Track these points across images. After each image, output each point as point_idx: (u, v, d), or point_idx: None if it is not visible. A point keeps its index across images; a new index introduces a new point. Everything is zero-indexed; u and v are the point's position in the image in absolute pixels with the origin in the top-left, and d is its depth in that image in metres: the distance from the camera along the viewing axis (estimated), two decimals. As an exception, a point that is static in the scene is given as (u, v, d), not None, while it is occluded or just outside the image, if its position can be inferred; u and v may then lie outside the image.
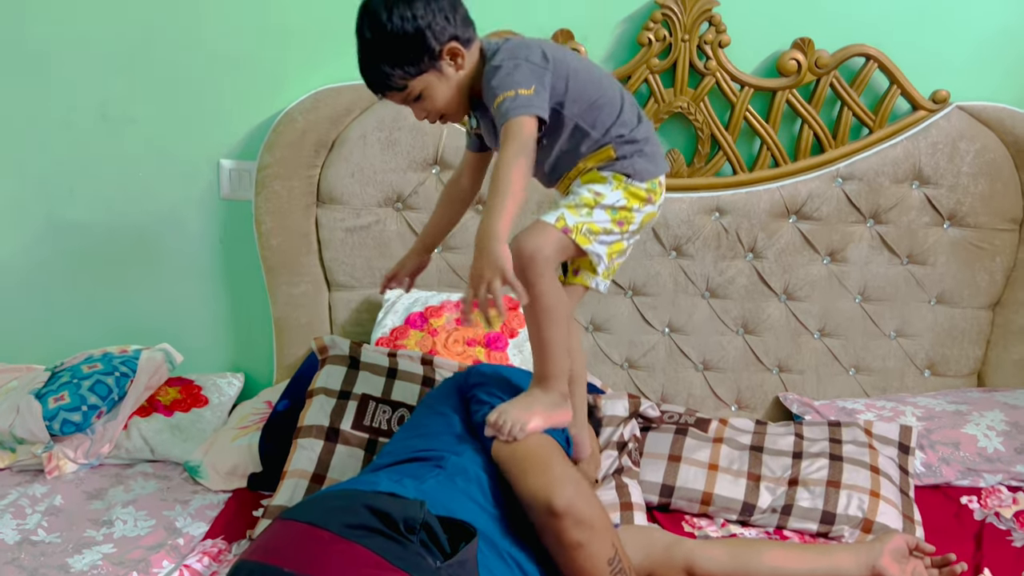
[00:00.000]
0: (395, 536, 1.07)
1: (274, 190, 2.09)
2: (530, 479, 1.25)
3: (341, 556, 1.03)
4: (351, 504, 1.12)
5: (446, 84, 1.37)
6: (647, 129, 1.45)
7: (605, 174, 1.42)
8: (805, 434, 1.94)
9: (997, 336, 2.26)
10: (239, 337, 2.29)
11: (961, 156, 2.13)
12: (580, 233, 1.37)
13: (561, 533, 1.22)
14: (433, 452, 1.31)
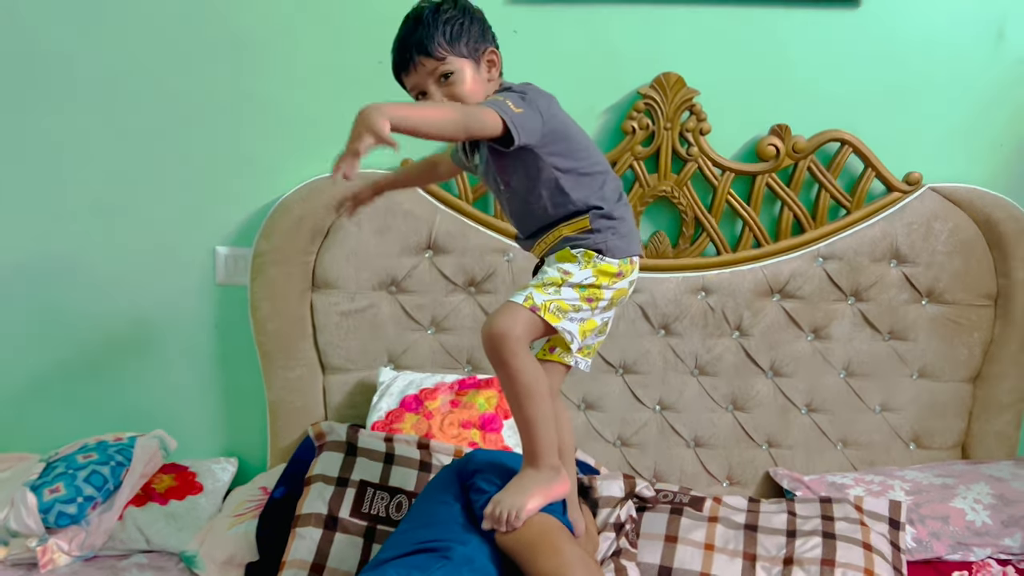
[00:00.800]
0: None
1: (270, 276, 2.13)
2: (540, 564, 1.27)
3: None
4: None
5: (474, 80, 1.44)
6: (625, 211, 1.50)
7: (576, 252, 1.46)
8: (798, 511, 1.96)
9: (979, 409, 2.31)
10: (233, 421, 2.30)
11: (936, 235, 2.21)
12: (548, 311, 1.40)
13: None
14: (439, 543, 1.32)
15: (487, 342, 1.37)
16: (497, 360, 1.37)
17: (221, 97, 2.13)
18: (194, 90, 2.12)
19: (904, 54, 2.19)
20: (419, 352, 2.21)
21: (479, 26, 1.46)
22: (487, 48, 1.46)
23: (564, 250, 1.47)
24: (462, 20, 1.44)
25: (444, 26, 1.42)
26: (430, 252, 2.17)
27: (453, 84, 1.43)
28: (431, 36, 1.42)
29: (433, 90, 1.44)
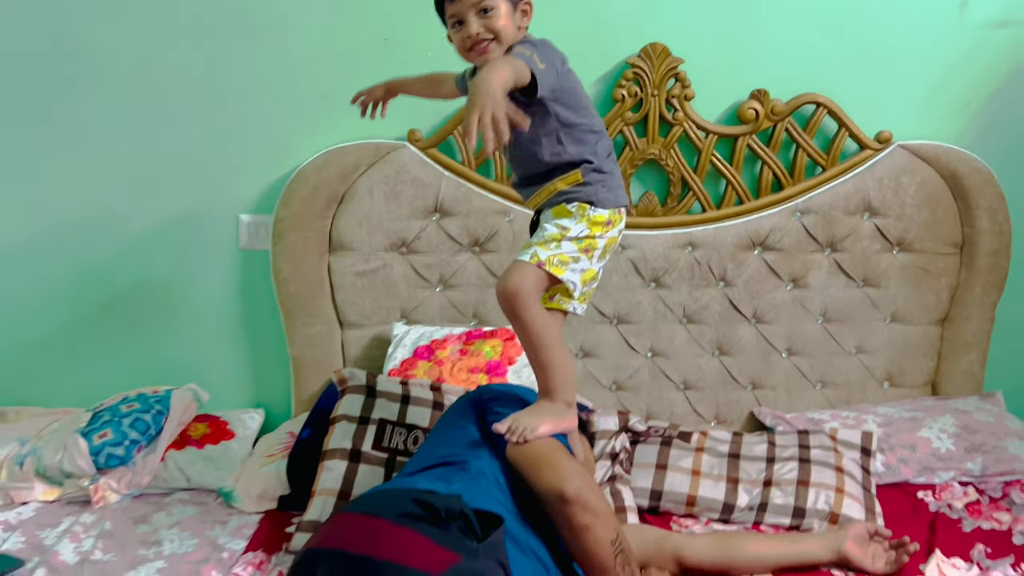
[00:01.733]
0: (438, 523, 1.27)
1: (290, 240, 2.31)
2: (544, 475, 1.46)
3: (396, 538, 1.23)
4: (400, 498, 1.33)
5: (509, 19, 1.53)
6: (613, 167, 1.64)
7: (571, 208, 1.59)
8: (777, 442, 2.16)
9: (946, 349, 2.50)
10: (259, 375, 2.49)
11: (904, 189, 2.39)
12: (553, 264, 1.56)
13: (572, 518, 1.42)
14: (456, 457, 1.51)
15: (502, 299, 1.54)
16: (512, 314, 1.54)
17: (240, 78, 2.30)
18: (215, 72, 2.29)
19: (875, 21, 2.36)
20: (429, 308, 2.40)
21: None
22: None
23: (560, 206, 1.61)
24: None
25: None
26: (437, 215, 2.35)
27: (491, 18, 1.52)
28: None
29: (471, 19, 1.52)
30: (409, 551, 1.21)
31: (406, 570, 1.18)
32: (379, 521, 1.27)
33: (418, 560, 1.20)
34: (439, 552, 1.22)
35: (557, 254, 1.57)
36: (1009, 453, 2.19)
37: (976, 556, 1.81)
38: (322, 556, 1.23)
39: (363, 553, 1.21)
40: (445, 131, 2.32)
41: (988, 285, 2.45)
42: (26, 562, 1.77)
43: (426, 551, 1.21)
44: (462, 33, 1.55)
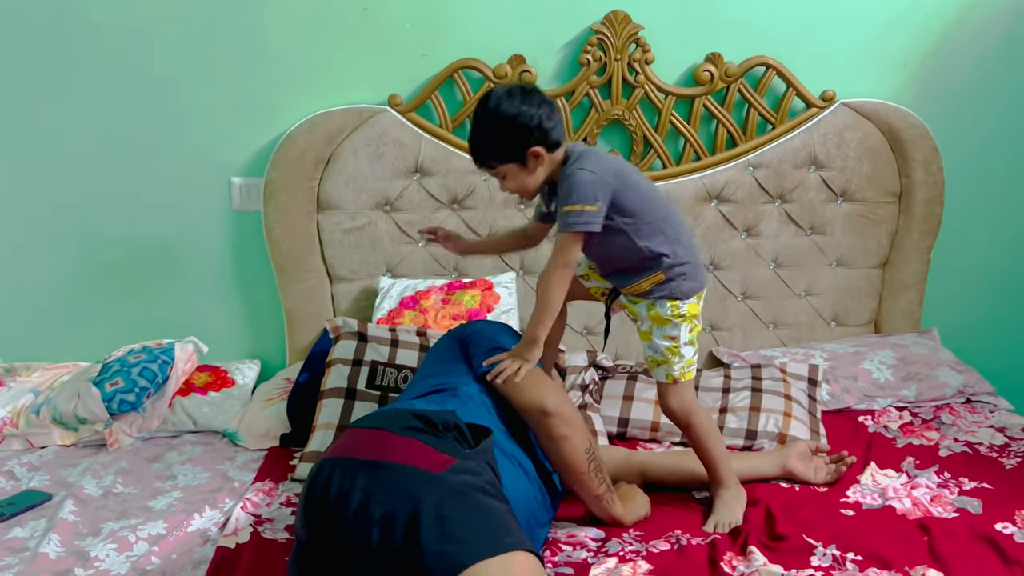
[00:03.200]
0: (436, 433, 1.47)
1: (280, 201, 2.48)
2: (526, 392, 1.66)
3: (401, 446, 1.42)
4: (401, 415, 1.52)
5: (525, 175, 1.71)
6: (689, 251, 1.76)
7: (665, 313, 1.75)
8: (732, 375, 2.38)
9: (887, 291, 2.73)
10: (254, 329, 2.66)
11: (847, 144, 2.60)
12: (685, 373, 1.80)
13: (551, 429, 1.63)
14: (446, 384, 1.71)
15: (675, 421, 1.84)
16: (686, 425, 1.84)
17: (230, 46, 2.45)
18: (206, 41, 2.44)
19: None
20: (412, 262, 2.58)
21: (520, 132, 1.65)
22: (527, 151, 1.67)
23: (654, 311, 1.77)
24: (503, 134, 1.67)
25: (489, 141, 1.69)
26: (418, 175, 2.53)
27: (507, 181, 1.73)
28: (480, 153, 1.73)
29: (499, 181, 1.76)
30: (411, 456, 1.41)
31: (411, 469, 1.38)
32: (385, 433, 1.46)
33: (421, 461, 1.39)
34: (439, 456, 1.41)
35: (683, 362, 1.80)
36: (940, 381, 2.44)
37: (906, 467, 2.05)
38: (336, 463, 1.41)
39: (373, 458, 1.41)
40: (423, 95, 2.49)
41: (924, 231, 2.68)
42: (53, 496, 1.95)
43: (428, 455, 1.41)
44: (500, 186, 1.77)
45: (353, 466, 1.39)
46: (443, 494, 1.33)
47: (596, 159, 1.70)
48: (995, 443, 2.18)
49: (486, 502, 1.37)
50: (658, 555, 1.65)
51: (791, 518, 1.78)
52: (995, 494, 1.90)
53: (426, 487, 1.34)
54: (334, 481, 1.38)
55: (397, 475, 1.37)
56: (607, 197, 1.67)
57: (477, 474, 1.41)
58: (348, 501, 1.34)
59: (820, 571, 1.58)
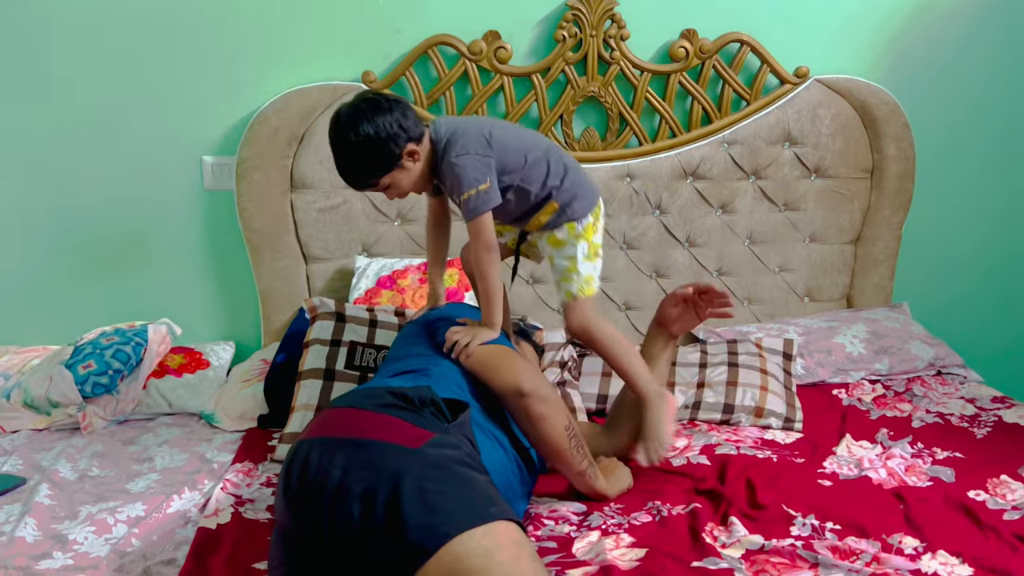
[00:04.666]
0: (413, 409, 1.46)
1: (253, 180, 2.44)
2: (501, 373, 1.66)
3: (379, 423, 1.41)
4: (377, 392, 1.51)
5: (408, 175, 1.73)
6: (574, 176, 1.82)
7: (561, 235, 1.81)
8: (709, 350, 2.40)
9: (859, 266, 2.77)
10: (229, 310, 2.63)
11: (820, 120, 2.62)
12: (585, 289, 1.83)
13: (528, 409, 1.63)
14: (418, 366, 1.70)
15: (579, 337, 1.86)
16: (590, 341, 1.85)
17: (200, 22, 2.40)
18: (174, 16, 2.39)
19: (793, -38, 2.57)
20: (388, 241, 2.56)
21: (385, 144, 1.66)
22: (402, 152, 1.68)
23: (551, 235, 1.82)
24: (374, 150, 1.66)
25: (363, 162, 1.69)
26: (392, 153, 2.50)
27: (392, 189, 1.74)
28: (358, 177, 1.73)
29: (385, 194, 1.76)
30: (390, 431, 1.40)
31: (389, 445, 1.37)
32: (361, 411, 1.45)
33: (399, 437, 1.38)
34: (416, 431, 1.40)
35: (582, 279, 1.83)
36: (912, 354, 2.48)
37: (880, 438, 2.08)
38: (313, 444, 1.40)
39: (351, 436, 1.40)
40: (397, 72, 2.46)
41: (895, 206, 2.71)
42: (27, 480, 1.91)
43: (405, 431, 1.40)
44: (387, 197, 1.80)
45: (331, 445, 1.38)
46: (423, 467, 1.33)
47: (465, 138, 1.72)
48: (966, 413, 2.22)
49: (467, 474, 1.36)
50: (640, 527, 1.67)
51: (769, 487, 1.81)
52: (967, 463, 1.93)
53: (406, 461, 1.33)
54: (312, 461, 1.37)
55: (376, 451, 1.36)
56: (491, 169, 1.71)
57: (456, 447, 1.41)
58: (327, 480, 1.33)
59: (800, 540, 1.60)
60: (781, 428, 2.17)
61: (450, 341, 1.73)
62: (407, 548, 1.26)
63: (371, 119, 1.66)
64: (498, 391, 1.67)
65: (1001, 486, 1.82)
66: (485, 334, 1.74)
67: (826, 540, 1.60)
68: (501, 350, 1.73)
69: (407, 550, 1.26)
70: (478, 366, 1.70)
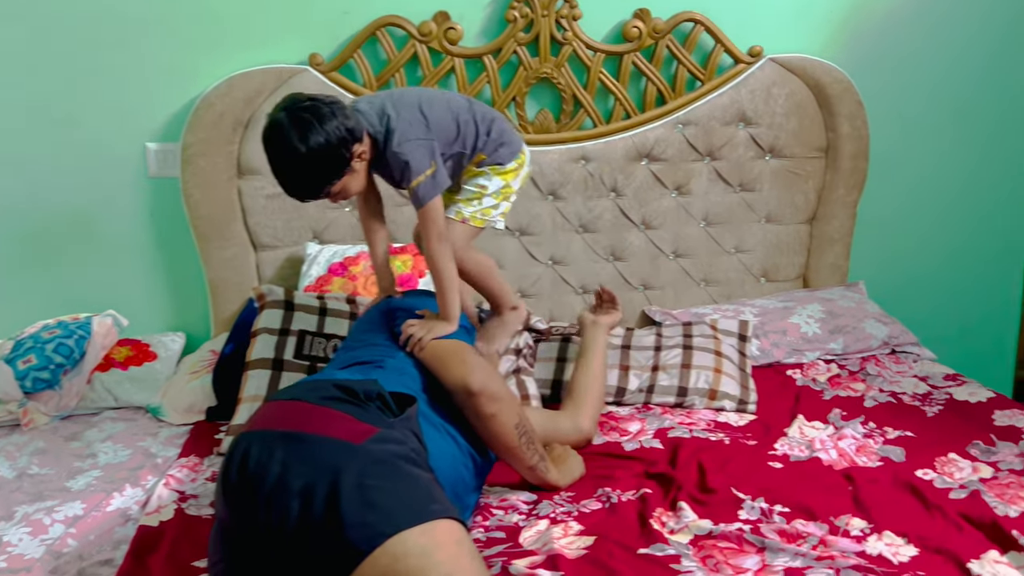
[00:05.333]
0: (357, 403, 1.43)
1: (199, 166, 2.38)
2: (451, 370, 1.63)
3: (320, 416, 1.38)
4: (321, 385, 1.47)
5: (357, 176, 1.69)
6: (497, 126, 1.83)
7: (483, 169, 1.83)
8: (664, 333, 2.38)
9: (815, 245, 2.77)
10: (177, 300, 2.57)
11: (775, 99, 2.61)
12: (476, 219, 1.83)
13: (478, 408, 1.60)
14: (372, 358, 1.67)
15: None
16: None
17: (142, 5, 2.32)
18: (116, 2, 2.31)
19: (745, -60, 2.54)
20: (339, 227, 2.52)
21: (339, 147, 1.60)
22: (351, 156, 1.64)
23: (469, 169, 1.84)
24: (325, 159, 1.61)
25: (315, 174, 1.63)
26: (342, 137, 2.45)
27: (341, 192, 1.69)
28: (309, 189, 1.66)
29: (331, 200, 1.71)
30: (332, 425, 1.37)
31: (330, 440, 1.34)
32: (303, 404, 1.42)
33: (340, 432, 1.35)
34: (360, 425, 1.37)
35: (479, 209, 1.83)
36: (866, 333, 2.48)
37: (832, 418, 2.09)
38: (253, 438, 1.37)
39: (291, 429, 1.36)
40: (345, 54, 2.41)
41: (850, 185, 2.71)
42: (-36, 480, 1.86)
43: (348, 425, 1.37)
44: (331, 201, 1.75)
45: (270, 439, 1.35)
46: (364, 463, 1.30)
47: (403, 123, 1.69)
48: (918, 392, 2.23)
49: (409, 470, 1.34)
50: (589, 515, 1.65)
51: (720, 470, 1.80)
52: (917, 442, 1.94)
53: (347, 457, 1.31)
54: (251, 455, 1.34)
55: (316, 446, 1.33)
56: (433, 149, 1.70)
57: (400, 443, 1.38)
58: (266, 475, 1.30)
59: (748, 524, 1.60)
60: (735, 410, 2.16)
61: (405, 334, 1.70)
62: (344, 547, 1.23)
63: (319, 127, 1.59)
64: (448, 387, 1.64)
65: (949, 464, 1.83)
66: (441, 328, 1.71)
67: (774, 523, 1.60)
68: (453, 346, 1.70)
69: (344, 549, 1.23)
70: (430, 360, 1.67)
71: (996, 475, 1.77)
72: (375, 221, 1.89)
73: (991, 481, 1.75)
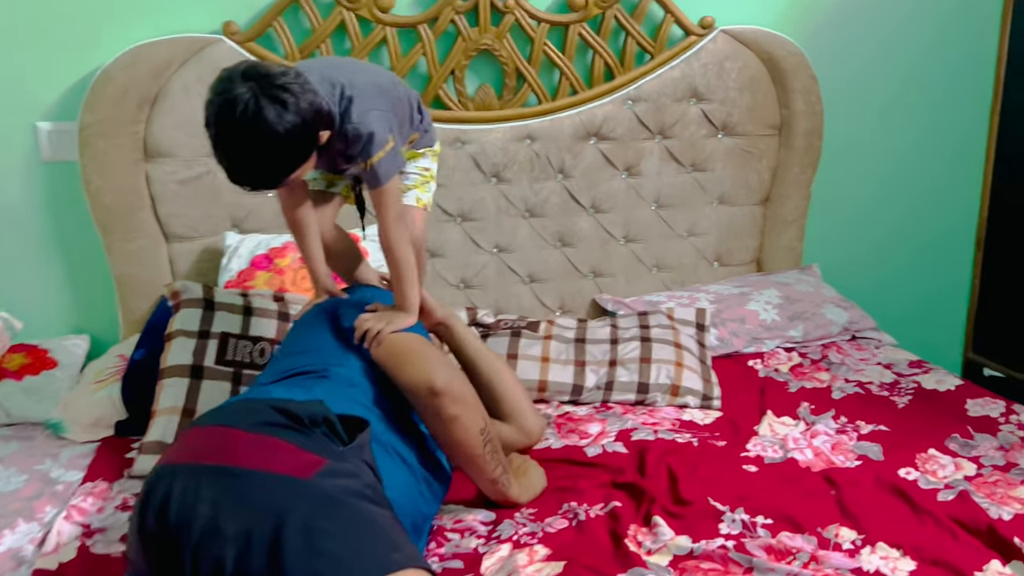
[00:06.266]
0: (301, 429, 1.23)
1: (99, 148, 2.11)
2: (411, 368, 1.43)
3: (257, 446, 1.17)
4: (256, 407, 1.26)
5: (312, 160, 1.46)
6: (420, 111, 1.70)
7: (420, 151, 1.71)
8: (619, 324, 2.23)
9: (769, 227, 2.65)
10: (79, 299, 2.30)
11: (727, 74, 2.47)
12: (429, 203, 1.73)
13: (440, 409, 1.41)
14: (316, 366, 1.46)
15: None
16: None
17: (22, -37, 2.04)
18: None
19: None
20: (262, 214, 2.28)
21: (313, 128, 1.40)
22: (316, 140, 1.42)
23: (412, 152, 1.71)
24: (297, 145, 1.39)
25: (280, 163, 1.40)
26: (263, 115, 2.21)
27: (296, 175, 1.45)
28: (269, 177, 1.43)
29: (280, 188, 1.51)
30: (272, 458, 1.16)
31: (271, 475, 1.13)
32: (237, 432, 1.20)
33: (283, 465, 1.15)
34: (304, 456, 1.17)
35: (431, 193, 1.73)
36: (826, 319, 2.38)
37: (802, 413, 1.97)
38: (176, 472, 1.15)
39: (222, 463, 1.15)
40: (264, 22, 2.17)
41: (804, 164, 2.60)
42: None
43: (291, 456, 1.17)
44: None
45: (197, 474, 1.14)
46: (313, 503, 1.10)
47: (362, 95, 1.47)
48: (885, 381, 2.13)
49: (366, 509, 1.14)
50: (555, 535, 1.49)
51: (693, 476, 1.66)
52: (893, 436, 1.84)
53: (291, 496, 1.11)
54: (174, 494, 1.12)
55: (254, 483, 1.13)
56: (391, 121, 1.53)
57: (353, 476, 1.19)
58: (193, 518, 1.09)
59: (731, 539, 1.46)
60: (699, 407, 2.03)
61: (360, 329, 1.50)
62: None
63: (294, 106, 1.35)
64: (407, 387, 1.44)
65: (930, 461, 1.73)
66: (400, 320, 1.53)
67: (758, 538, 1.46)
68: (414, 340, 1.51)
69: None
70: (386, 357, 1.48)
71: (980, 472, 1.68)
72: (302, 211, 1.66)
73: (976, 479, 1.65)
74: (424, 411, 1.44)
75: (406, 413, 1.50)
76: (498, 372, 1.74)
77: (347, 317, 1.54)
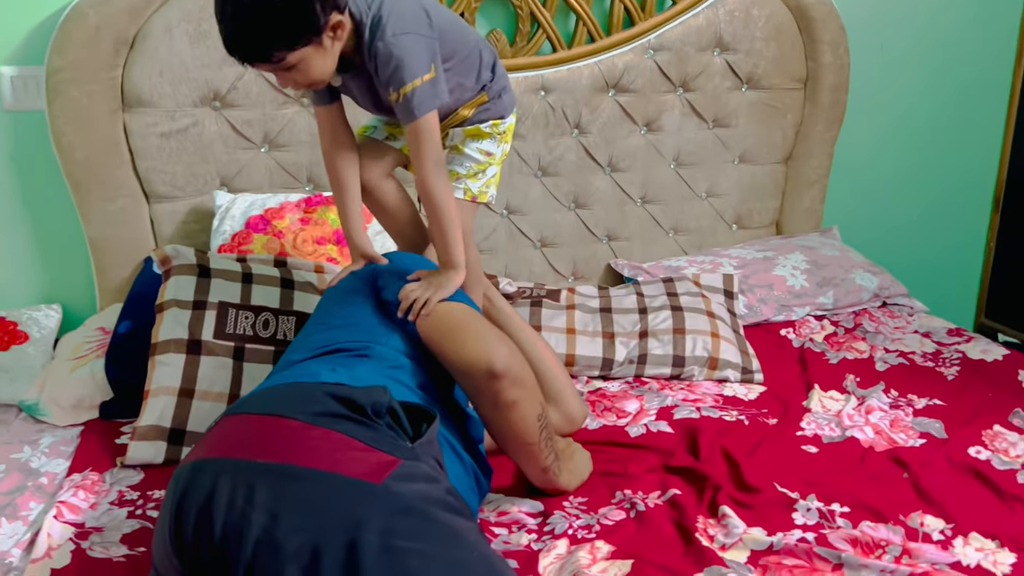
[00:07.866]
0: (364, 421, 1.05)
1: (71, 97, 1.88)
2: (468, 347, 1.26)
3: (317, 442, 0.99)
4: (311, 393, 1.08)
5: (323, 56, 1.29)
6: (501, 66, 1.54)
7: (486, 128, 1.53)
8: (644, 292, 2.08)
9: (790, 187, 2.51)
10: (50, 264, 2.08)
11: (754, 22, 2.31)
12: (484, 195, 1.55)
13: (499, 394, 1.24)
14: (356, 342, 1.27)
15: None
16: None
17: None
18: None
19: None
20: (254, 172, 2.07)
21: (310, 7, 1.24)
22: (326, 23, 1.26)
23: (475, 127, 1.52)
24: (288, 14, 1.23)
25: (270, 31, 1.24)
26: (255, 61, 2.00)
27: (299, 72, 1.30)
28: (258, 47, 1.26)
29: (280, 77, 1.32)
30: (338, 457, 0.98)
31: (340, 478, 0.95)
32: (293, 423, 1.02)
33: (352, 466, 0.97)
34: (375, 455, 0.99)
35: (483, 181, 1.55)
36: (856, 284, 2.26)
37: (849, 387, 1.85)
38: (220, 469, 0.97)
39: (278, 461, 0.97)
40: (258, -43, 1.94)
41: (829, 121, 2.46)
42: None
43: (358, 455, 0.99)
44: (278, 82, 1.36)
45: (248, 473, 0.96)
46: (391, 514, 0.93)
47: (400, 12, 1.32)
48: (927, 351, 2.02)
49: (453, 522, 0.97)
50: (614, 528, 1.35)
51: (752, 459, 1.52)
52: (951, 412, 1.72)
53: (366, 504, 0.93)
54: (219, 497, 0.94)
55: (319, 488, 0.95)
56: (435, 51, 1.36)
57: (433, 480, 1.01)
58: (245, 528, 0.92)
59: (810, 531, 1.33)
60: (740, 381, 1.89)
61: (407, 301, 1.32)
62: None
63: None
64: (461, 367, 1.27)
65: (998, 439, 1.61)
66: (449, 282, 1.36)
67: (839, 529, 1.33)
68: (468, 313, 1.34)
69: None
70: (437, 332, 1.30)
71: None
72: (342, 153, 1.48)
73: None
74: (477, 394, 1.27)
75: (452, 396, 1.33)
76: (540, 352, 1.58)
77: (388, 289, 1.36)
